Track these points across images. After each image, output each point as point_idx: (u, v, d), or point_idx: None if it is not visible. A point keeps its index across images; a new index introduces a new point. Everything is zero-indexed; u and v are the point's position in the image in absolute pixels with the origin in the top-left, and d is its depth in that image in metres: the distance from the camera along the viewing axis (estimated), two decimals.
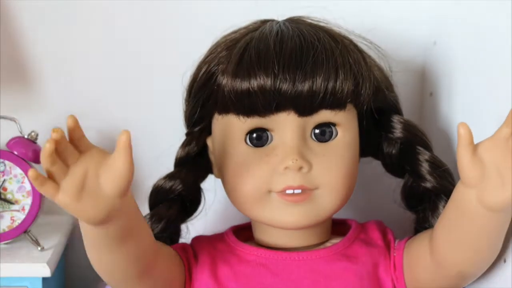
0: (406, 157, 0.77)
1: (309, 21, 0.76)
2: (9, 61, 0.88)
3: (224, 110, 0.73)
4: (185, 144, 0.80)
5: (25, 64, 0.89)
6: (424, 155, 0.76)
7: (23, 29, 0.88)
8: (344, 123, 0.72)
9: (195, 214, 0.82)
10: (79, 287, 0.93)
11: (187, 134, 0.80)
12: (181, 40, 0.90)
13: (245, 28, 0.76)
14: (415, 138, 0.77)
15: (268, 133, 0.72)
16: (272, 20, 0.76)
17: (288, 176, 0.70)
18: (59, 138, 0.59)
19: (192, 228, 0.83)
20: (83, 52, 0.89)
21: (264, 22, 0.76)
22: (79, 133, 0.61)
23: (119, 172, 0.60)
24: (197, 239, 0.78)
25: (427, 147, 0.77)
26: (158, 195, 0.79)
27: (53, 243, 0.84)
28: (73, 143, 0.61)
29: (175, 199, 0.79)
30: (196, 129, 0.79)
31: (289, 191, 0.71)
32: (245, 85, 0.70)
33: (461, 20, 0.81)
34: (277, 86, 0.69)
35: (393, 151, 0.78)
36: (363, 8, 0.88)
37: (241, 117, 0.71)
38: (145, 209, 0.82)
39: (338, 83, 0.70)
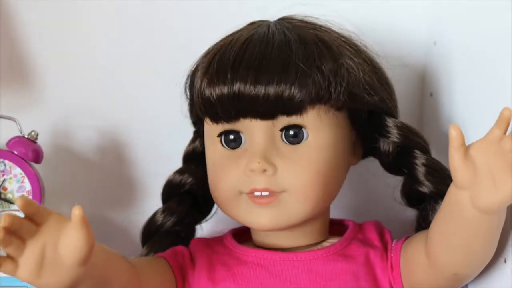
0: (402, 160, 0.76)
1: (299, 20, 0.76)
2: (9, 61, 0.88)
3: (200, 114, 0.74)
4: (191, 141, 0.81)
5: (25, 64, 0.89)
6: (420, 159, 0.75)
7: (23, 29, 0.88)
8: (312, 126, 0.71)
9: (210, 214, 0.83)
10: None
11: (194, 132, 0.81)
12: (181, 40, 0.89)
13: (238, 30, 0.76)
14: (411, 143, 0.76)
15: (241, 135, 0.73)
16: (263, 21, 0.76)
17: (253, 179, 0.71)
18: (8, 225, 0.58)
19: (203, 227, 0.84)
20: (83, 52, 0.89)
21: (252, 24, 0.76)
22: (32, 209, 0.59)
23: (77, 246, 0.59)
24: (196, 242, 0.78)
25: (424, 151, 0.76)
26: (169, 189, 0.81)
27: None
28: (28, 219, 0.59)
29: (186, 193, 0.80)
30: (200, 128, 0.79)
31: (257, 193, 0.71)
32: (207, 92, 0.71)
33: (461, 20, 0.81)
34: (234, 95, 0.70)
35: (390, 150, 0.77)
36: (363, 8, 0.88)
37: (211, 122, 0.73)
38: (147, 208, 0.83)
39: (293, 90, 0.69)
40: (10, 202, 0.83)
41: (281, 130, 0.72)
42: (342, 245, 0.74)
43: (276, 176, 0.71)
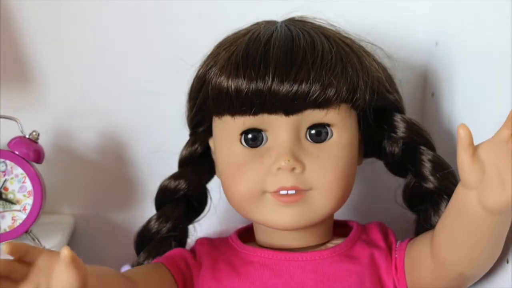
0: (409, 157, 0.77)
1: (310, 21, 0.76)
2: (10, 61, 0.88)
3: (219, 111, 0.73)
4: (188, 145, 0.80)
5: (26, 64, 0.89)
6: (427, 155, 0.76)
7: (23, 29, 0.88)
8: (339, 124, 0.72)
9: (202, 215, 0.82)
10: None
11: (190, 135, 0.81)
12: (181, 40, 0.89)
13: (245, 29, 0.76)
14: (418, 138, 0.77)
15: (263, 133, 0.72)
16: (271, 21, 0.76)
17: (281, 177, 0.70)
18: None
19: (200, 228, 0.83)
20: (84, 52, 0.89)
21: (265, 23, 0.76)
22: (21, 252, 0.59)
23: (69, 284, 0.58)
24: (201, 242, 0.78)
25: (431, 147, 0.77)
26: (164, 196, 0.80)
27: (54, 243, 0.84)
28: (18, 260, 0.59)
29: (181, 199, 0.80)
30: (200, 130, 0.79)
31: (283, 192, 0.71)
32: (234, 85, 0.70)
33: (463, 21, 0.81)
34: (268, 89, 0.69)
35: (396, 151, 0.77)
36: (365, 9, 0.88)
37: (234, 117, 0.72)
38: (148, 208, 0.83)
39: (325, 88, 0.69)
40: (11, 202, 0.83)
41: (308, 128, 0.72)
42: (347, 246, 0.74)
43: (303, 174, 0.71)
